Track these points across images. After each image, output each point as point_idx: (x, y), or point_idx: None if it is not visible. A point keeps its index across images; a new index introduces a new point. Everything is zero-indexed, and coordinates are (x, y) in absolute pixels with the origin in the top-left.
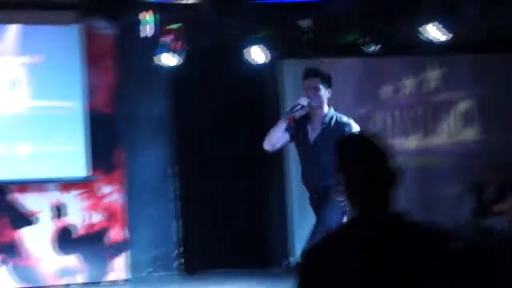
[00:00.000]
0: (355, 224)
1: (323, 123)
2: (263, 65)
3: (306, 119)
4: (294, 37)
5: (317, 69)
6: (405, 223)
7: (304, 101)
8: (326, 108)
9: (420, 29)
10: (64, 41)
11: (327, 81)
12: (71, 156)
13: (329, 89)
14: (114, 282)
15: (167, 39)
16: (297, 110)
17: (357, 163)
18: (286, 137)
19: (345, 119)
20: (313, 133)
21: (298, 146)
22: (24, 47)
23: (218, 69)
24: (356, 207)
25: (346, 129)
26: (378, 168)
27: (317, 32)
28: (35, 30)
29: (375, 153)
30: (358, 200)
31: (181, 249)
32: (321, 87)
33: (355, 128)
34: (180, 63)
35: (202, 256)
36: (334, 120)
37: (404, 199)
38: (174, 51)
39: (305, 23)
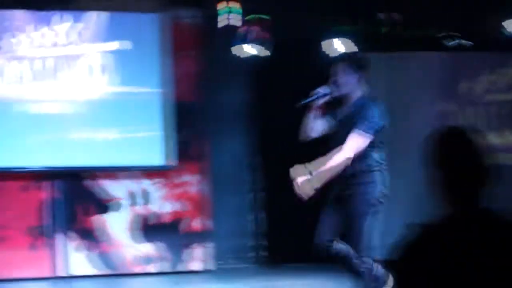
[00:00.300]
0: (452, 221)
1: (350, 107)
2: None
3: (339, 103)
4: (376, 31)
5: (343, 54)
6: (500, 219)
7: (323, 90)
8: (358, 92)
9: (504, 23)
10: (149, 29)
11: (356, 65)
12: (154, 144)
13: (359, 73)
14: (193, 272)
15: (252, 29)
16: (312, 100)
17: (458, 157)
18: (319, 125)
19: (367, 106)
20: (339, 117)
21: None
22: (110, 33)
23: (301, 61)
24: (452, 202)
25: (357, 116)
26: (478, 163)
27: (398, 26)
28: (121, 17)
29: (475, 148)
30: (455, 196)
31: (264, 241)
32: (345, 72)
33: (358, 129)
34: (264, 54)
35: (285, 249)
36: (359, 106)
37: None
38: (258, 42)
39: (386, 16)
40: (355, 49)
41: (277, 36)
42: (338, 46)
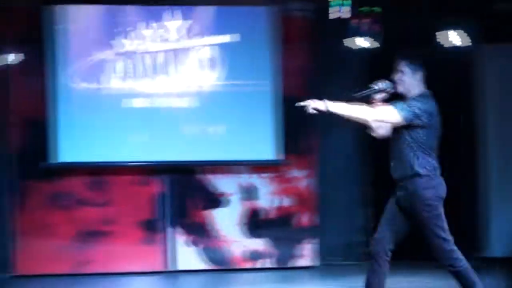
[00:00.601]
0: None
1: None
2: (462, 50)
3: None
4: (491, 22)
5: (404, 52)
6: None
7: (380, 85)
8: (415, 91)
9: None
10: (259, 22)
11: (416, 64)
12: (263, 139)
13: (418, 73)
14: (300, 268)
15: (362, 22)
16: (369, 93)
17: None
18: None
19: (404, 101)
20: None
21: None
22: (220, 27)
23: (414, 53)
24: None
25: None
26: None
27: None
28: (231, 11)
29: None
30: None
31: (368, 238)
32: (404, 71)
33: (393, 104)
34: (375, 46)
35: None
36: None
37: None
38: (370, 34)
39: (502, 7)
40: (468, 41)
41: (390, 28)
42: (453, 37)
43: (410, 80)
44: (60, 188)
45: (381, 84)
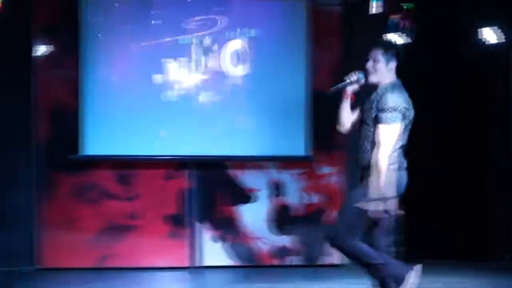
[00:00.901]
0: None
1: (373, 96)
2: (496, 47)
3: (371, 91)
4: None
5: (380, 40)
6: None
7: (353, 76)
8: (384, 81)
9: None
10: (290, 15)
11: (390, 53)
12: (292, 134)
13: (391, 62)
14: (328, 266)
15: (397, 17)
16: (344, 86)
17: None
18: (353, 114)
19: (386, 105)
20: (364, 107)
21: None
22: (251, 20)
23: (449, 50)
24: None
25: (373, 113)
26: None
27: None
28: (260, 4)
29: None
30: None
31: (402, 235)
32: (377, 60)
33: (383, 121)
34: (408, 43)
35: (421, 246)
36: (378, 97)
37: None
38: (404, 30)
39: None
40: (504, 37)
41: (424, 24)
42: (489, 33)
43: (383, 69)
44: (87, 181)
45: (354, 76)
